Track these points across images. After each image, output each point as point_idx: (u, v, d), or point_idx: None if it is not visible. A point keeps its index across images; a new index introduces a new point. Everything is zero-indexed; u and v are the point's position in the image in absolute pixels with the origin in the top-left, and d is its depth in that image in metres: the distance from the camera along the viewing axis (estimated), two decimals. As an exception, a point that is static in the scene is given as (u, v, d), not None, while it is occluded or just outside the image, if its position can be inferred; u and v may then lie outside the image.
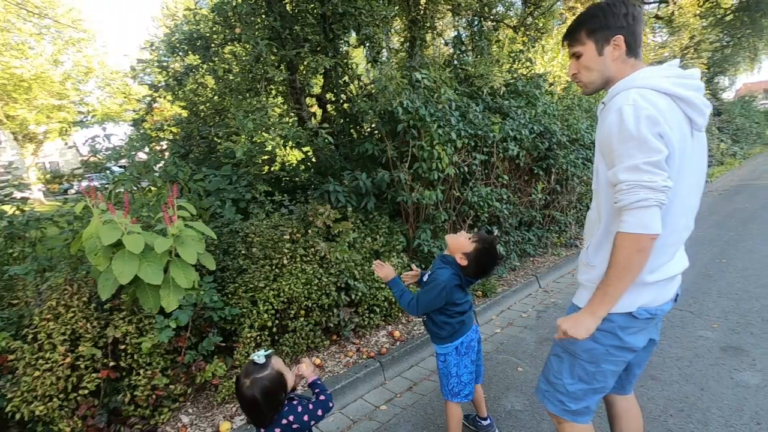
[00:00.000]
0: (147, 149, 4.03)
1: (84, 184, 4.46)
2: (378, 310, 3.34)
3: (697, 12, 12.16)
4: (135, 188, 3.52)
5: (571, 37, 1.36)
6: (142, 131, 4.38)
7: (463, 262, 1.82)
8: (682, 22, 11.81)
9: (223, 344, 2.64)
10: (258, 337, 2.69)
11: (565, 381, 1.41)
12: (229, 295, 2.75)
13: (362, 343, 3.20)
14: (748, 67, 23.75)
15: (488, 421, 2.19)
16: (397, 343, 3.20)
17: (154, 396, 2.27)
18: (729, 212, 6.76)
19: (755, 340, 2.91)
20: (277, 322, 2.79)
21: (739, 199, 7.63)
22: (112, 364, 2.24)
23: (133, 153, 3.70)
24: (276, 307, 2.74)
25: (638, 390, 2.48)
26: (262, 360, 1.39)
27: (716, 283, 3.96)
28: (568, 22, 6.90)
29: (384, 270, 1.90)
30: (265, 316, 2.69)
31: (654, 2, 18.17)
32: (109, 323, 2.27)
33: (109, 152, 3.66)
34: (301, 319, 2.88)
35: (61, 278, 2.33)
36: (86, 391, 2.13)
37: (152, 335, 2.24)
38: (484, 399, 2.22)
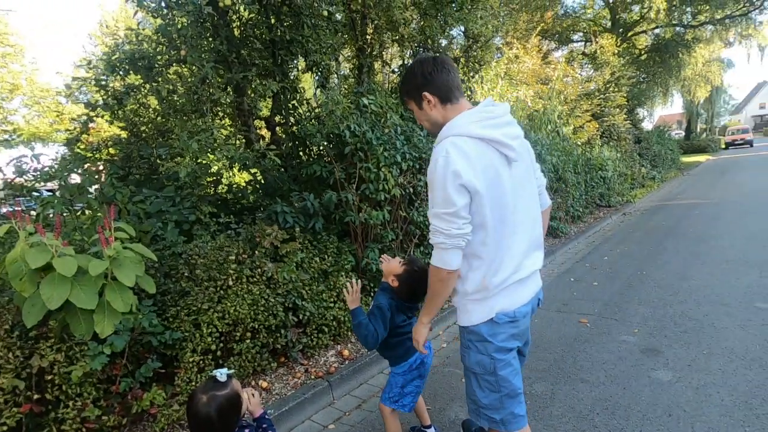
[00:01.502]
0: (81, 171, 3.84)
1: (5, 210, 4.14)
2: (327, 329, 3.35)
3: (616, 51, 13.56)
4: (67, 211, 3.33)
5: (400, 99, 1.64)
6: (76, 152, 4.18)
7: (395, 284, 1.92)
8: (604, 60, 13.12)
9: (163, 371, 2.54)
10: (201, 362, 2.61)
11: (479, 396, 1.55)
12: (171, 319, 2.66)
13: (311, 363, 3.19)
14: (662, 100, 26.64)
15: (431, 430, 2.27)
16: (346, 362, 3.21)
17: (83, 429, 2.13)
18: (649, 229, 7.47)
19: (668, 341, 3.23)
20: (221, 345, 2.73)
21: (657, 218, 8.45)
22: (36, 396, 2.08)
23: (65, 174, 3.52)
24: (220, 330, 2.69)
25: (569, 392, 2.67)
26: (224, 378, 1.37)
27: (637, 293, 4.36)
28: (507, 55, 7.45)
29: (350, 297, 1.88)
30: (209, 339, 2.63)
31: (580, 41, 20.05)
32: (34, 352, 2.12)
33: (38, 174, 3.45)
34: (247, 341, 2.84)
35: (-21, 306, 2.16)
36: (5, 428, 1.96)
37: (84, 363, 2.12)
38: (425, 408, 2.30)
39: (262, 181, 4.46)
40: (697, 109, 33.33)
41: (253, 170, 4.19)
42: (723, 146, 31.97)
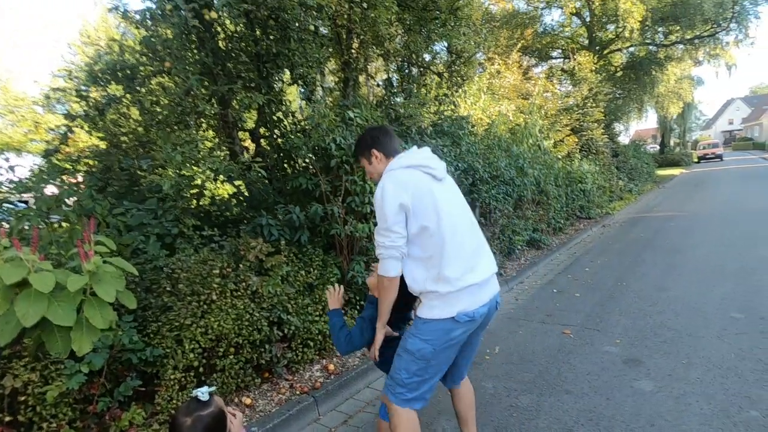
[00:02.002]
0: (58, 182, 3.74)
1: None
2: (312, 344, 3.31)
3: (593, 68, 14.02)
4: (43, 224, 3.23)
5: (355, 158, 2.16)
6: (53, 163, 4.07)
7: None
8: (582, 76, 13.54)
9: (143, 389, 2.47)
10: (183, 379, 2.54)
11: (403, 375, 1.77)
12: (152, 335, 2.59)
13: (295, 378, 3.14)
14: (637, 115, 27.56)
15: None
16: (332, 377, 3.18)
17: (58, 452, 2.04)
18: (628, 241, 7.65)
19: (649, 351, 3.30)
20: (204, 361, 2.67)
21: (635, 230, 8.67)
22: (8, 419, 1.99)
23: (41, 186, 3.42)
24: (203, 346, 2.63)
25: (554, 404, 2.69)
26: (206, 397, 1.30)
27: (618, 304, 4.45)
28: (489, 70, 7.64)
29: (331, 299, 2.05)
30: (191, 355, 2.56)
31: (559, 57, 20.65)
32: (6, 372, 2.04)
33: (13, 185, 3.35)
34: (231, 357, 2.78)
35: (-52, 324, 2.06)
36: (-27, 453, 1.87)
37: (60, 382, 2.04)
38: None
39: (247, 194, 4.42)
40: (671, 124, 34.57)
41: (237, 182, 4.15)
42: (695, 160, 33.14)
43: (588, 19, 18.58)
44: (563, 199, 8.94)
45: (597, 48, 18.29)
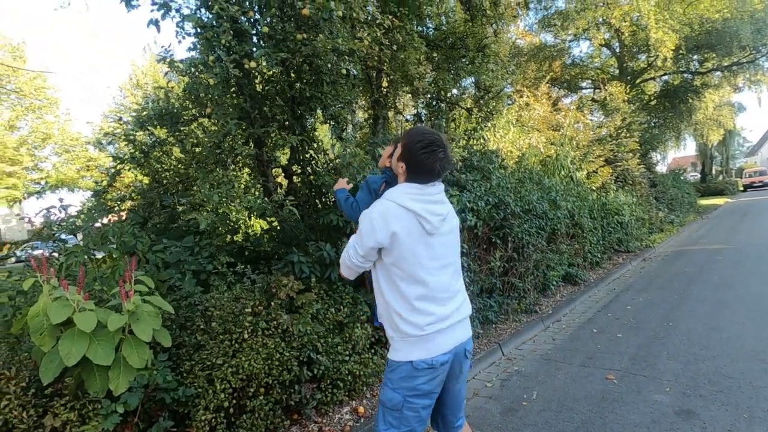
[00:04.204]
0: (105, 220, 3.95)
1: (30, 252, 4.24)
2: (342, 384, 3.24)
3: (625, 98, 13.80)
4: (88, 259, 3.40)
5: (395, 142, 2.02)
6: (101, 202, 4.32)
7: (402, 169, 2.00)
8: (614, 106, 13.34)
9: (174, 429, 2.47)
10: (213, 420, 2.53)
11: (380, 428, 1.73)
12: (185, 374, 2.61)
13: (325, 421, 3.07)
14: (674, 144, 26.73)
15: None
16: (362, 420, 3.08)
17: (91, 494, 2.05)
18: (671, 276, 7.24)
19: (704, 402, 3.04)
20: (234, 401, 2.65)
21: (679, 264, 8.21)
22: (46, 458, 2.03)
23: (90, 224, 3.62)
24: (234, 386, 2.63)
25: (601, 460, 2.49)
26: None
27: (665, 346, 4.16)
28: (518, 102, 7.66)
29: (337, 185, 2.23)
30: (222, 395, 2.56)
31: (589, 88, 20.51)
32: (47, 411, 2.09)
33: (64, 224, 3.56)
34: (261, 397, 2.76)
35: (-2, 361, 2.17)
36: (12, 493, 1.90)
37: (96, 422, 2.08)
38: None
39: (279, 229, 4.51)
40: (711, 151, 33.27)
41: (270, 219, 4.25)
42: (741, 188, 31.52)
43: (618, 50, 18.48)
44: (599, 232, 8.62)
45: (628, 77, 18.07)
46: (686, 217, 15.81)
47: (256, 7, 3.73)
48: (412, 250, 1.68)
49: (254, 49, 3.66)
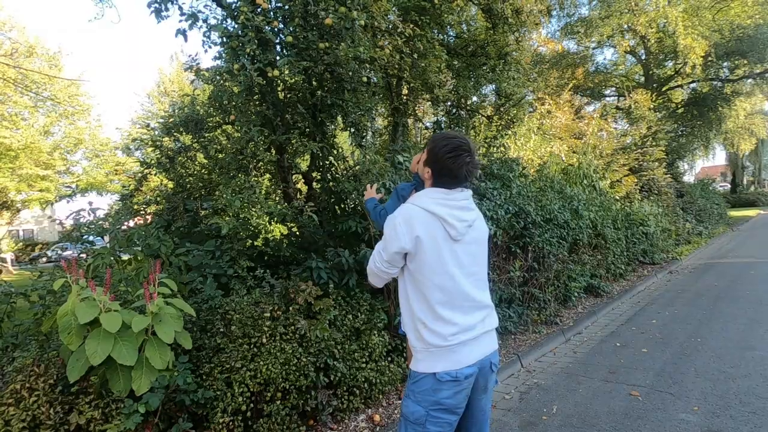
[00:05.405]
0: (131, 223, 4.07)
1: (60, 252, 4.40)
2: (358, 391, 3.23)
3: (651, 106, 13.48)
4: (114, 261, 3.50)
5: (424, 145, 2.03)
6: (128, 205, 4.46)
7: (427, 174, 2.02)
8: (639, 114, 13.03)
9: (193, 431, 2.50)
10: (231, 423, 2.56)
11: None
12: (204, 376, 2.65)
13: (340, 428, 3.06)
14: (703, 153, 25.93)
15: None
16: (378, 428, 3.06)
17: (111, 492, 2.09)
18: (699, 290, 6.99)
19: (735, 424, 2.90)
20: (251, 405, 2.68)
21: (708, 278, 7.92)
22: (70, 455, 2.08)
23: (117, 227, 3.74)
24: (252, 390, 2.65)
25: (624, 480, 2.40)
26: None
27: (693, 363, 4.00)
28: (540, 110, 7.55)
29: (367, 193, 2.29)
30: (240, 399, 2.59)
31: (613, 95, 20.13)
32: (73, 408, 2.15)
33: (93, 226, 3.68)
34: (278, 402, 2.77)
35: (29, 358, 2.24)
36: (37, 488, 1.96)
37: (118, 421, 2.13)
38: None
39: (298, 235, 4.56)
40: (743, 161, 32.15)
41: (290, 224, 4.30)
42: (775, 200, 30.27)
43: (643, 57, 18.10)
44: (623, 243, 8.40)
45: (654, 85, 17.66)
46: (715, 228, 15.27)
47: (281, 17, 3.81)
48: (435, 255, 1.63)
49: (277, 57, 3.73)
